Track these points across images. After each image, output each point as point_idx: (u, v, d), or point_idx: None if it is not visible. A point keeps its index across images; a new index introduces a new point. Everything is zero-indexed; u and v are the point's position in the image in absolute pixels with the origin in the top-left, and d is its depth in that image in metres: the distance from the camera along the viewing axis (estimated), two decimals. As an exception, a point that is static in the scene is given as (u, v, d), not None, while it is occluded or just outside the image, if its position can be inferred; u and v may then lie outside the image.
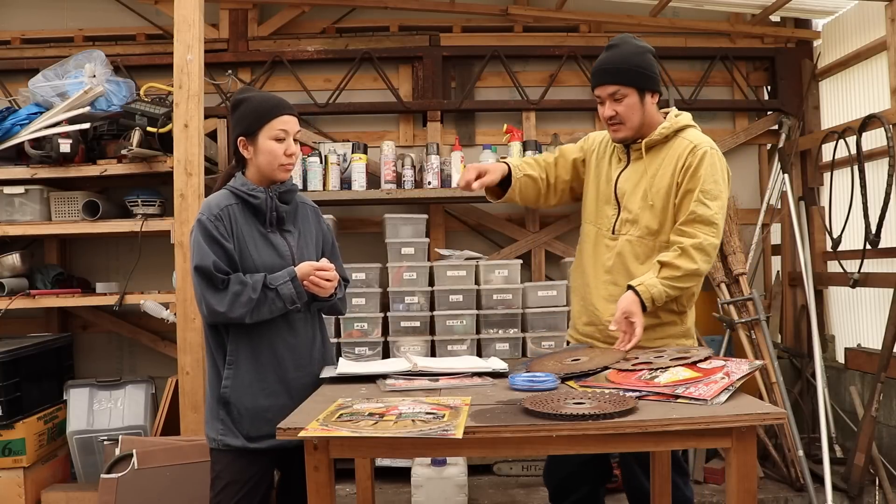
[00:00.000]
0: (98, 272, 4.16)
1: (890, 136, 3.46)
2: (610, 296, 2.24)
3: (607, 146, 2.38)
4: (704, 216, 2.13)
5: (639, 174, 2.24)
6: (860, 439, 3.32)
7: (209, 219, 1.98)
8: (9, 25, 4.30)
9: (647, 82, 2.18)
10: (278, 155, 2.04)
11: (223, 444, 2.01)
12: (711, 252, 2.14)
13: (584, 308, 2.35)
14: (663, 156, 2.22)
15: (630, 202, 2.23)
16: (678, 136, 2.23)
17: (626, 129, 2.21)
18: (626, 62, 2.17)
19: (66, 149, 3.39)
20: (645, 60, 2.19)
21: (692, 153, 2.16)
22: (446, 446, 1.50)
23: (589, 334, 2.33)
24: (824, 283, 4.19)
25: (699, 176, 2.14)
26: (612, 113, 2.19)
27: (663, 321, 2.23)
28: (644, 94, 2.19)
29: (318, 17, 4.35)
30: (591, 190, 2.37)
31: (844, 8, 4.07)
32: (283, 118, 2.05)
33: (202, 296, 1.96)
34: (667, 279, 2.10)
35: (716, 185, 2.15)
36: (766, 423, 1.57)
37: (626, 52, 2.18)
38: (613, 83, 2.17)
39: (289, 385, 2.04)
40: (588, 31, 4.38)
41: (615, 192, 2.27)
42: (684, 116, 2.27)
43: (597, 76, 2.22)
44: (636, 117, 2.19)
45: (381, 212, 4.00)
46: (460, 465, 3.41)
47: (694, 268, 2.11)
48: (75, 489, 3.38)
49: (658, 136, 2.21)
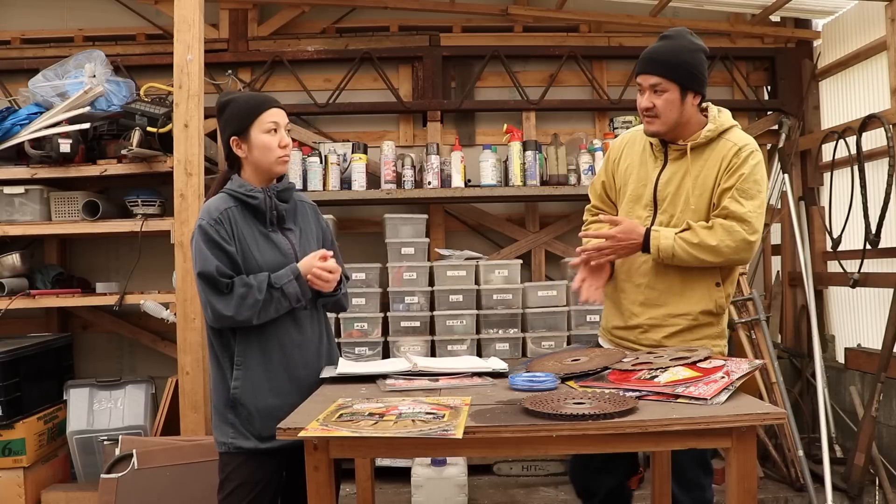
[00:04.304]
0: (98, 272, 4.16)
1: (890, 136, 3.46)
2: (647, 300, 2.21)
3: (634, 146, 2.31)
4: (737, 213, 2.07)
5: (680, 176, 2.17)
6: (860, 439, 3.32)
7: (209, 223, 1.98)
8: (9, 25, 4.30)
9: (691, 81, 2.11)
10: (273, 147, 2.04)
11: (234, 447, 1.99)
12: (740, 241, 2.07)
13: (617, 313, 2.30)
14: (706, 157, 2.16)
15: (671, 206, 2.18)
16: (721, 137, 2.17)
17: (660, 123, 2.14)
18: (676, 56, 2.10)
19: (66, 149, 3.39)
20: (696, 59, 2.12)
21: (737, 154, 2.12)
22: (446, 446, 1.49)
23: (623, 337, 2.29)
24: (824, 283, 4.19)
25: (740, 174, 2.10)
26: (649, 105, 2.13)
27: (700, 322, 2.19)
28: (686, 92, 2.12)
29: (318, 17, 4.35)
30: (625, 193, 2.31)
31: (844, 8, 4.07)
32: (272, 111, 2.06)
33: (208, 301, 1.95)
34: (683, 240, 2.08)
35: (755, 184, 2.10)
36: (766, 423, 1.57)
37: (679, 46, 2.12)
38: (657, 75, 2.10)
39: (299, 383, 2.03)
40: (588, 31, 4.38)
41: (655, 195, 2.21)
42: (726, 116, 2.20)
43: (642, 64, 2.15)
44: (673, 114, 2.12)
45: (381, 212, 3.99)
46: (460, 465, 3.41)
47: (712, 244, 2.06)
48: (75, 489, 3.38)
49: (704, 139, 2.15)
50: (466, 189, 3.90)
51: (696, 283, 2.17)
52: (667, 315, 2.19)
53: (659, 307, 2.20)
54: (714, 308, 2.19)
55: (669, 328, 2.19)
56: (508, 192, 3.91)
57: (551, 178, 3.94)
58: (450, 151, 3.96)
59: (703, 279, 2.17)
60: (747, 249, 2.09)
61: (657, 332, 2.20)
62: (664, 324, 2.19)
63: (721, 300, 2.19)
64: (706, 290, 2.18)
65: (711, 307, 2.18)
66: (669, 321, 2.19)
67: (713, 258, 2.10)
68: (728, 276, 2.22)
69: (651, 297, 2.20)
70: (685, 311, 2.17)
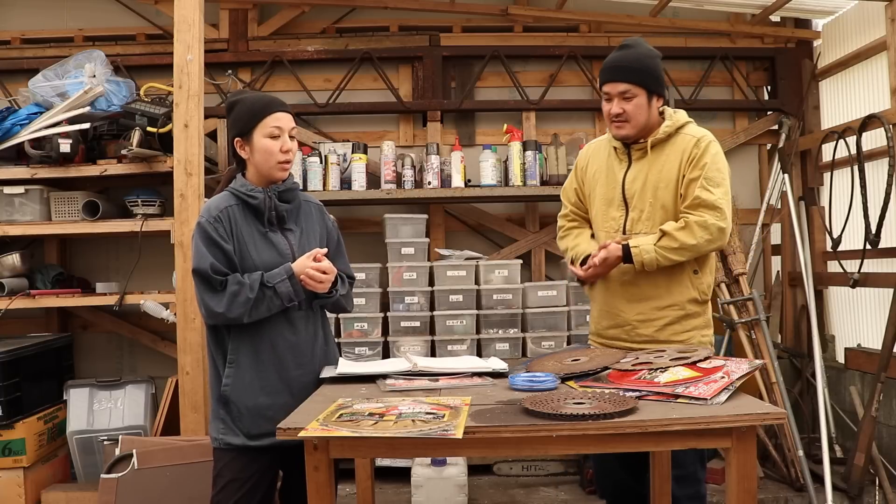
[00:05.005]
0: (98, 272, 4.16)
1: (890, 136, 3.46)
2: (632, 296, 2.29)
3: (599, 154, 2.44)
4: (708, 200, 2.19)
5: (644, 172, 2.29)
6: (860, 439, 3.32)
7: (208, 221, 2.01)
8: (9, 25, 4.30)
9: (656, 86, 2.26)
10: (274, 152, 2.04)
11: (224, 442, 2.03)
12: (715, 232, 2.19)
13: (606, 312, 2.37)
14: (668, 152, 2.29)
15: (640, 201, 2.29)
16: (679, 132, 2.30)
17: (630, 126, 2.27)
18: (640, 63, 2.24)
19: (66, 149, 3.39)
20: (656, 64, 2.28)
21: (696, 145, 2.25)
22: (446, 446, 1.50)
23: (615, 336, 2.35)
24: (824, 283, 4.19)
25: (703, 164, 2.22)
26: (619, 110, 2.25)
27: (688, 312, 2.28)
28: (652, 96, 2.26)
29: (318, 17, 4.35)
30: (596, 198, 2.42)
31: (844, 8, 4.07)
32: (276, 115, 2.06)
33: (201, 298, 1.99)
34: (662, 248, 2.18)
35: (718, 172, 2.23)
36: (766, 423, 1.57)
37: (641, 53, 2.26)
38: (626, 82, 2.23)
39: (290, 383, 2.05)
40: (588, 31, 4.38)
41: (623, 194, 2.32)
42: (682, 113, 2.35)
43: (608, 73, 2.27)
44: (642, 117, 2.26)
45: (381, 212, 3.99)
46: (460, 465, 3.41)
47: (692, 243, 2.17)
48: (75, 489, 3.38)
49: (663, 134, 2.28)
50: (466, 189, 3.90)
51: (676, 273, 2.27)
52: (654, 308, 2.27)
53: (645, 301, 2.28)
54: (699, 296, 2.29)
55: (659, 321, 2.27)
56: (508, 192, 3.91)
57: (551, 178, 3.94)
58: (450, 151, 3.96)
59: (682, 269, 2.27)
60: (721, 237, 2.21)
61: (647, 326, 2.28)
62: (653, 317, 2.27)
63: (702, 287, 2.30)
64: (687, 278, 2.28)
65: (696, 295, 2.28)
66: (658, 314, 2.27)
67: (694, 254, 2.22)
68: (704, 263, 2.31)
69: (636, 292, 2.28)
70: (672, 301, 2.27)
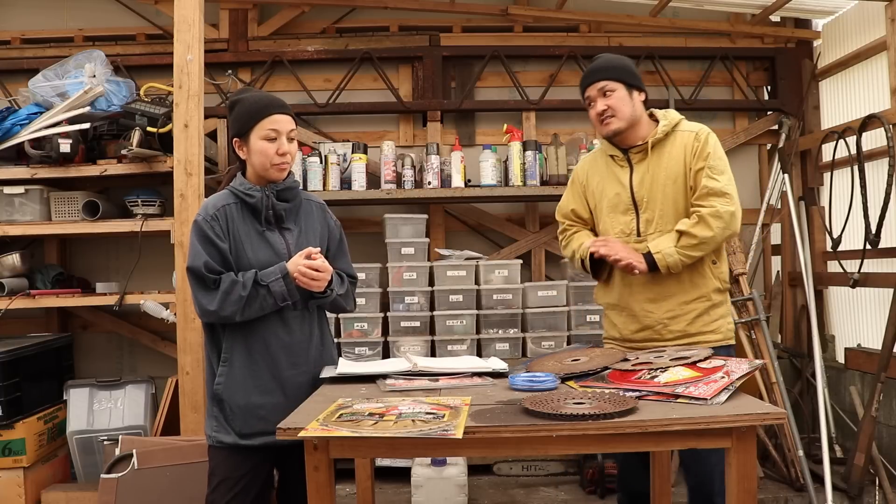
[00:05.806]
0: (98, 272, 4.16)
1: (890, 136, 3.46)
2: (658, 295, 2.31)
3: (596, 165, 2.46)
4: (715, 188, 2.24)
5: (651, 173, 2.32)
6: (860, 439, 3.32)
7: (205, 219, 2.02)
8: (9, 25, 4.31)
9: (632, 79, 2.32)
10: (270, 155, 2.04)
11: (216, 440, 2.04)
12: (728, 218, 2.23)
13: (632, 317, 2.37)
14: (669, 149, 2.32)
15: (651, 202, 2.32)
16: (676, 130, 2.35)
17: (618, 120, 2.30)
18: (611, 63, 2.34)
19: (66, 149, 3.39)
20: (628, 63, 2.36)
21: (696, 138, 2.30)
22: (446, 446, 1.49)
23: (646, 338, 2.34)
24: (824, 283, 4.19)
25: (706, 154, 2.28)
26: (603, 107, 2.30)
27: (714, 302, 2.32)
28: (631, 89, 2.31)
29: (318, 17, 4.35)
30: (605, 207, 2.41)
31: (844, 8, 4.07)
32: (274, 117, 2.05)
33: (194, 295, 2.00)
34: (684, 248, 2.22)
35: (720, 161, 2.29)
36: (766, 423, 1.57)
37: (610, 57, 2.39)
38: (603, 79, 2.30)
39: (283, 383, 2.05)
40: (588, 31, 4.38)
41: (632, 197, 2.34)
42: (674, 112, 2.41)
43: (584, 80, 2.36)
44: (627, 109, 2.30)
45: (381, 212, 4.00)
46: (460, 465, 3.41)
47: (710, 235, 2.21)
48: (75, 489, 3.38)
49: (661, 133, 2.32)
50: (466, 189, 3.90)
51: (697, 266, 2.29)
52: (681, 303, 2.30)
53: (671, 298, 2.30)
54: (720, 284, 2.34)
55: (689, 315, 2.30)
56: (508, 192, 3.90)
57: (551, 178, 3.94)
58: (450, 151, 3.96)
59: (701, 261, 2.29)
60: (734, 221, 2.25)
61: (678, 322, 2.30)
62: (682, 312, 2.30)
63: (723, 276, 2.35)
64: (707, 269, 2.31)
65: (718, 284, 2.33)
66: (686, 308, 2.30)
67: (713, 246, 2.27)
68: (719, 253, 2.35)
69: (661, 290, 2.31)
70: (697, 294, 2.30)
